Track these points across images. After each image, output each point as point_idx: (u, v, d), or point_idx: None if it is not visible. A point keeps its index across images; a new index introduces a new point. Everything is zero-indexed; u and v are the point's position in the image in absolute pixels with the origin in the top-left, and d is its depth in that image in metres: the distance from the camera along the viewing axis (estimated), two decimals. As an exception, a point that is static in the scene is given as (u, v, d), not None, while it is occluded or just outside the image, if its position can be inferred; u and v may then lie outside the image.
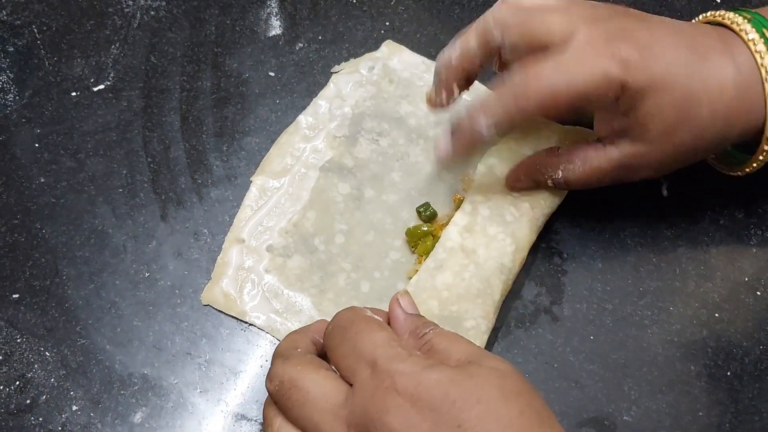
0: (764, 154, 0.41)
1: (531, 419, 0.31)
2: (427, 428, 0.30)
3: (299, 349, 0.36)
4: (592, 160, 0.42)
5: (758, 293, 0.45)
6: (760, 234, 0.47)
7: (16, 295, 0.45)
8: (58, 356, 0.43)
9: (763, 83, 0.38)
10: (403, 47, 0.51)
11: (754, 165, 0.42)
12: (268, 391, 0.35)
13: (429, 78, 0.50)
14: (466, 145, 0.41)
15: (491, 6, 0.53)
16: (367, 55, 0.51)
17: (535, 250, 0.45)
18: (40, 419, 0.41)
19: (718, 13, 0.42)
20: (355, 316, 0.35)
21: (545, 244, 0.46)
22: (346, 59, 0.52)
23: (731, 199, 0.48)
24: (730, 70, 0.39)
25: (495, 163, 0.44)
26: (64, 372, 0.43)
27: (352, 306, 0.37)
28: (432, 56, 0.51)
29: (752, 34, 0.39)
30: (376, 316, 0.36)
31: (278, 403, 0.34)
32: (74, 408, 0.42)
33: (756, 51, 0.38)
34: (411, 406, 0.30)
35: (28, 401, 0.42)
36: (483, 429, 0.30)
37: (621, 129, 0.40)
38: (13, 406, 0.42)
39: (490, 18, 0.41)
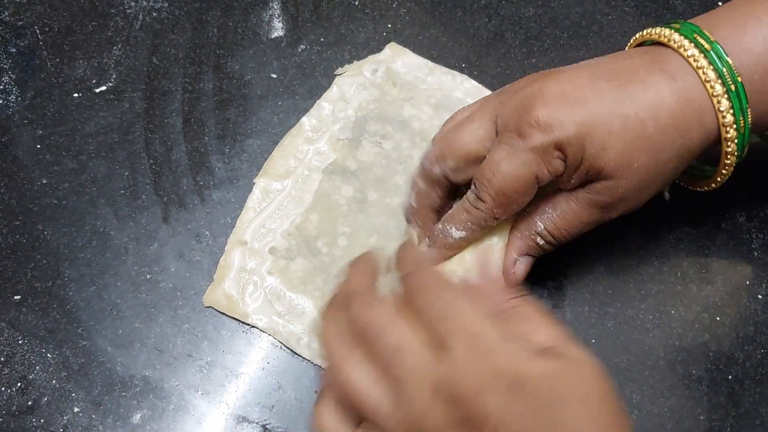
0: (729, 157, 0.40)
1: (621, 421, 0.30)
2: (527, 418, 0.29)
3: (379, 295, 0.34)
4: (561, 203, 0.40)
5: (759, 297, 0.45)
6: (761, 238, 0.47)
7: (18, 297, 0.45)
8: (59, 358, 0.43)
9: (704, 85, 0.38)
10: (406, 50, 0.51)
11: (723, 172, 0.41)
12: (353, 325, 0.33)
13: (432, 80, 0.50)
14: (443, 253, 0.41)
15: (492, 7, 0.53)
16: (370, 58, 0.51)
17: (537, 253, 0.46)
18: (42, 421, 0.41)
19: (645, 31, 0.41)
20: (449, 282, 0.34)
21: (547, 248, 0.46)
22: (349, 61, 0.52)
23: (733, 202, 0.48)
24: (663, 81, 0.38)
25: None
26: (66, 374, 0.43)
27: (431, 267, 0.36)
28: (434, 59, 0.51)
29: (681, 42, 0.38)
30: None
31: (367, 340, 0.32)
32: (75, 410, 0.42)
33: (688, 56, 0.38)
34: (513, 392, 0.29)
35: (29, 403, 0.42)
36: (584, 429, 0.29)
37: (581, 180, 0.39)
38: (14, 408, 0.42)
39: (425, 159, 0.41)
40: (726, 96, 0.38)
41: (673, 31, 0.39)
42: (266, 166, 0.48)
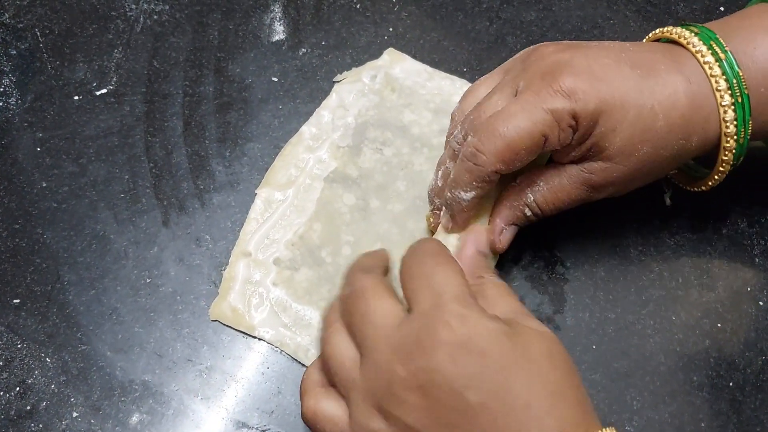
0: (724, 165, 0.41)
1: (573, 389, 0.32)
2: (473, 371, 0.30)
3: (378, 270, 0.36)
4: (553, 178, 0.41)
5: (760, 303, 0.45)
6: (762, 244, 0.47)
7: (17, 301, 0.44)
8: (58, 362, 0.43)
9: (714, 93, 0.39)
10: (405, 55, 0.51)
11: (716, 177, 0.42)
12: (340, 296, 0.36)
13: (431, 86, 0.50)
14: (464, 219, 0.42)
15: (493, 10, 0.53)
16: (369, 64, 0.51)
17: (537, 258, 0.46)
18: (41, 426, 0.41)
19: (666, 29, 0.42)
20: (441, 251, 0.36)
21: (548, 253, 0.46)
22: (349, 65, 0.52)
23: (734, 208, 0.48)
24: (680, 81, 0.39)
25: None
26: (65, 378, 0.43)
27: (438, 240, 0.38)
28: (435, 63, 0.51)
29: (699, 47, 0.39)
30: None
31: (344, 309, 0.35)
32: (75, 414, 0.42)
33: (704, 63, 0.39)
34: (461, 347, 0.31)
35: (28, 407, 0.42)
36: (530, 389, 0.30)
37: (581, 156, 0.40)
38: (13, 413, 0.42)
39: (452, 139, 0.42)
40: (732, 107, 0.38)
41: (692, 34, 0.40)
42: (267, 176, 0.47)
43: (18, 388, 0.42)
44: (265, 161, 0.48)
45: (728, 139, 0.39)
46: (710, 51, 0.39)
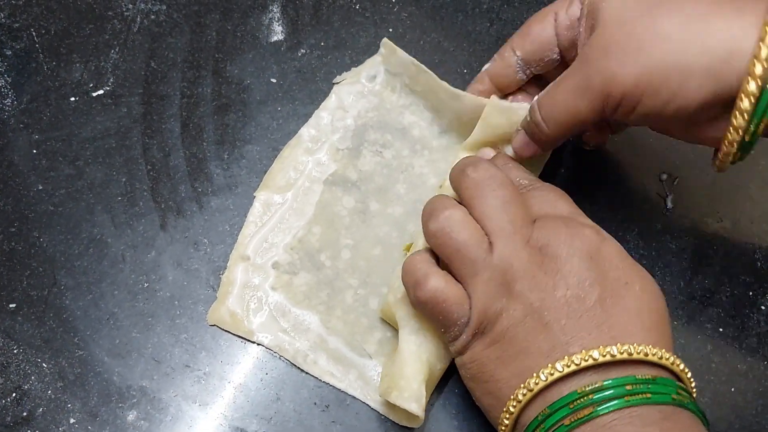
0: (732, 133, 0.35)
1: (669, 323, 0.37)
2: (601, 270, 0.35)
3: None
4: (560, 76, 0.39)
5: (762, 308, 0.45)
6: (764, 248, 0.46)
7: (13, 305, 0.44)
8: (55, 368, 0.43)
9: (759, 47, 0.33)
10: (396, 48, 0.49)
11: (723, 148, 0.36)
12: (467, 178, 0.38)
13: (424, 79, 0.48)
14: (473, 91, 0.45)
15: (494, 11, 0.53)
16: (368, 62, 0.50)
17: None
18: (37, 432, 0.41)
19: None
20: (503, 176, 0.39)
21: (549, 257, 0.46)
22: (349, 66, 0.51)
23: (736, 211, 0.47)
24: (734, 22, 0.34)
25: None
26: (62, 384, 0.42)
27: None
28: (435, 64, 0.51)
29: None
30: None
31: (477, 191, 0.38)
32: (71, 421, 0.41)
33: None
34: (595, 251, 0.35)
35: (24, 414, 0.42)
36: (641, 302, 0.35)
37: (587, 32, 0.39)
38: (9, 419, 0.41)
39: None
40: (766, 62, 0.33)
41: None
42: (266, 179, 0.47)
43: (14, 394, 0.42)
44: (264, 164, 0.48)
45: (750, 80, 0.33)
46: None
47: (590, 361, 0.32)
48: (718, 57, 0.34)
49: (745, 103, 0.34)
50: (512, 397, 0.34)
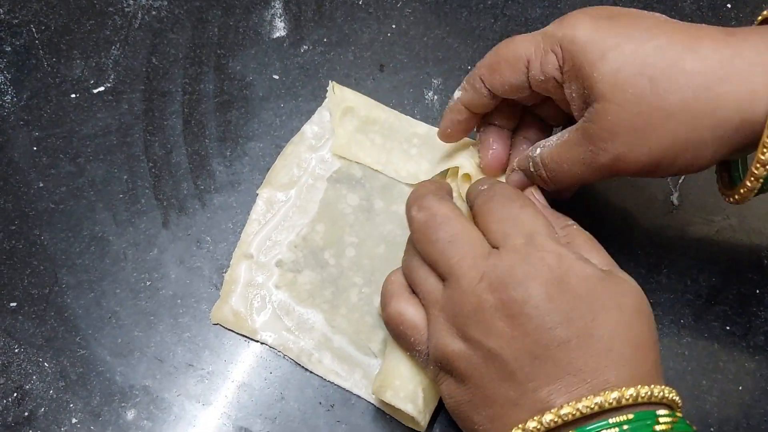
0: (759, 168, 0.34)
1: (651, 346, 0.33)
2: (564, 308, 0.32)
3: (451, 198, 0.38)
4: (565, 134, 0.38)
5: (770, 306, 0.45)
6: (772, 245, 0.46)
7: (14, 304, 0.44)
8: (57, 367, 0.42)
9: None
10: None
11: (748, 184, 0.36)
12: (412, 220, 0.37)
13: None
14: (447, 121, 0.42)
15: (498, 7, 0.52)
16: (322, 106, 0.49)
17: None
18: (39, 432, 0.41)
19: None
20: (518, 193, 0.38)
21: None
22: (352, 62, 0.51)
23: (744, 209, 0.47)
24: (720, 42, 0.34)
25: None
26: (64, 383, 0.42)
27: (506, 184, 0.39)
28: (439, 60, 0.50)
29: None
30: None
31: (420, 234, 0.36)
32: (74, 420, 0.41)
33: None
34: (556, 284, 0.32)
35: (26, 414, 0.41)
36: (613, 336, 0.32)
37: (579, 96, 0.36)
38: (10, 419, 0.41)
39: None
40: None
41: None
42: (269, 176, 0.47)
43: (15, 394, 0.42)
44: (267, 160, 0.47)
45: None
46: None
47: (560, 421, 0.31)
48: (731, 127, 0.34)
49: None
50: None
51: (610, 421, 0.30)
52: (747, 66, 0.33)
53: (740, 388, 0.43)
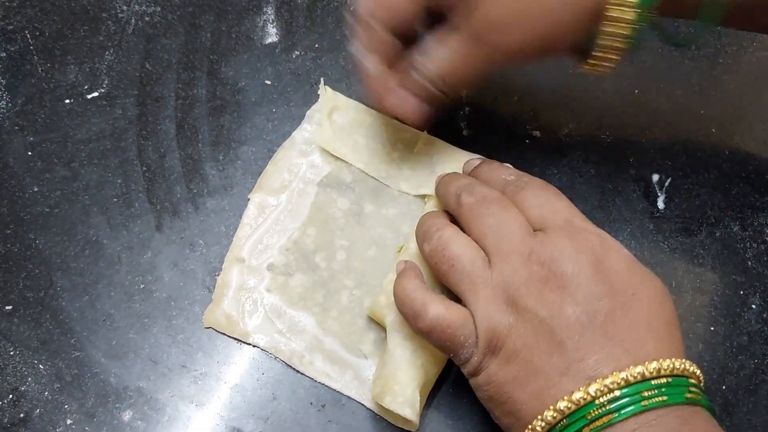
0: (609, 25, 0.38)
1: (678, 322, 0.36)
2: (609, 282, 0.34)
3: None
4: (445, 43, 0.40)
5: (753, 307, 0.46)
6: (755, 247, 0.47)
7: (9, 307, 0.44)
8: (52, 369, 0.43)
9: None
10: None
11: (598, 51, 0.40)
12: (462, 203, 0.39)
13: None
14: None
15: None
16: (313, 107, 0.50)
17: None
18: (34, 433, 0.41)
19: None
20: (546, 183, 0.40)
21: (542, 257, 0.46)
22: (343, 67, 0.51)
23: (727, 212, 0.48)
24: None
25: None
26: (59, 385, 0.42)
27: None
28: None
29: None
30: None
31: (471, 215, 0.38)
32: (69, 422, 0.42)
33: None
34: (600, 260, 0.35)
35: (21, 415, 0.42)
36: (651, 309, 0.35)
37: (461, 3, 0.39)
38: (6, 420, 0.41)
39: None
40: None
41: None
42: (260, 181, 0.47)
43: (11, 396, 0.42)
44: (259, 165, 0.48)
45: None
46: None
47: (606, 389, 0.32)
48: (587, 11, 0.38)
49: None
50: (540, 417, 0.33)
51: (653, 382, 0.32)
52: None
53: (724, 387, 0.44)
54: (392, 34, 0.41)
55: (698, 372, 0.35)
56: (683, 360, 0.34)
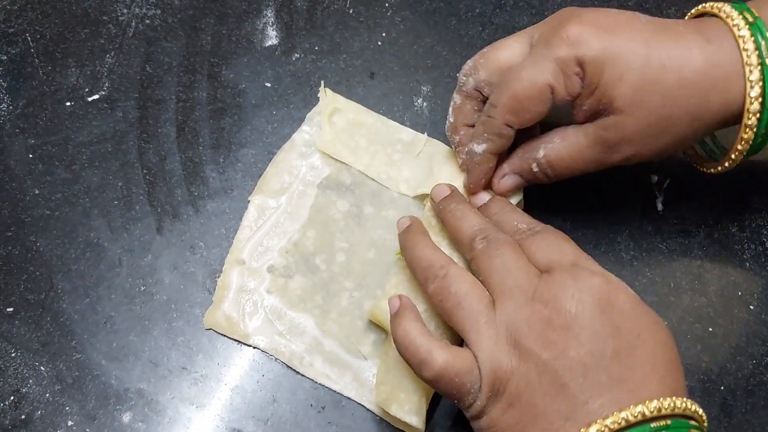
0: (747, 131, 0.39)
1: (680, 363, 0.36)
2: (614, 323, 0.34)
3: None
4: (570, 136, 0.41)
5: (751, 307, 0.46)
6: (753, 248, 0.47)
7: (11, 309, 0.44)
8: (53, 371, 0.43)
9: (741, 53, 0.38)
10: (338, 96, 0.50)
11: (739, 148, 0.40)
12: (473, 247, 0.38)
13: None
14: (477, 174, 0.43)
15: (486, 16, 0.53)
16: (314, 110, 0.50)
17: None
18: (36, 435, 0.41)
19: (701, 6, 0.42)
20: (557, 231, 0.39)
21: (541, 259, 0.46)
22: (343, 70, 0.51)
23: (725, 213, 0.48)
24: (696, 40, 0.39)
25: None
26: (59, 387, 0.42)
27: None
28: (428, 68, 0.51)
29: (729, 11, 0.39)
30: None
31: (480, 254, 0.38)
32: (69, 423, 0.42)
33: (732, 25, 0.39)
34: (605, 300, 0.34)
35: (22, 417, 0.42)
36: (655, 349, 0.34)
37: (593, 109, 0.40)
38: (7, 422, 0.42)
39: (461, 73, 0.43)
40: (759, 68, 0.38)
41: (724, 3, 0.40)
42: (260, 183, 0.47)
43: (12, 398, 0.42)
44: (260, 167, 0.48)
45: (752, 101, 0.38)
46: (740, 15, 0.39)
47: (616, 425, 0.32)
48: (717, 119, 0.39)
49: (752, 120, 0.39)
50: None
51: (652, 425, 0.32)
52: (724, 75, 0.39)
53: (722, 388, 0.44)
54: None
55: (700, 411, 0.34)
56: (684, 399, 0.33)
